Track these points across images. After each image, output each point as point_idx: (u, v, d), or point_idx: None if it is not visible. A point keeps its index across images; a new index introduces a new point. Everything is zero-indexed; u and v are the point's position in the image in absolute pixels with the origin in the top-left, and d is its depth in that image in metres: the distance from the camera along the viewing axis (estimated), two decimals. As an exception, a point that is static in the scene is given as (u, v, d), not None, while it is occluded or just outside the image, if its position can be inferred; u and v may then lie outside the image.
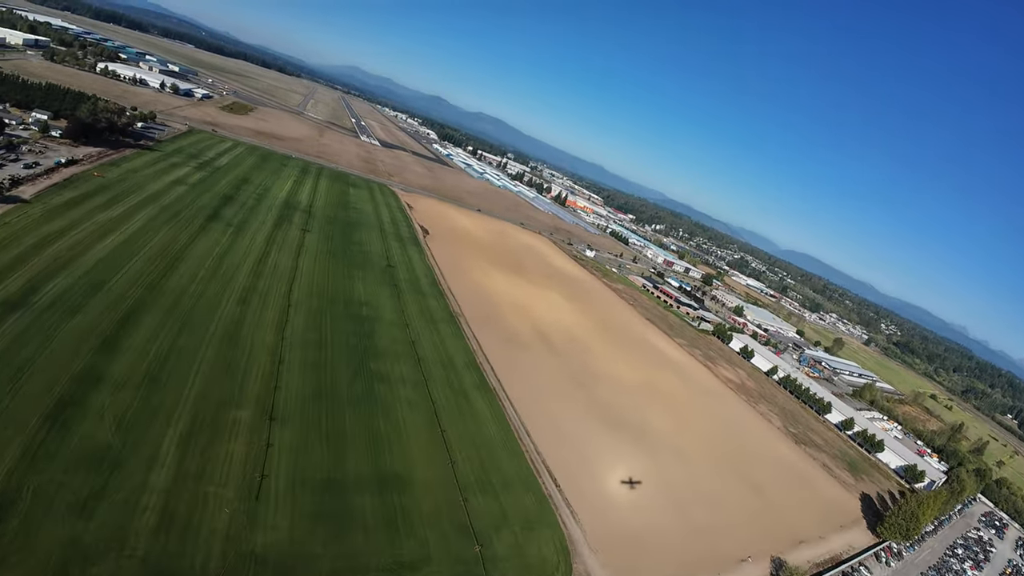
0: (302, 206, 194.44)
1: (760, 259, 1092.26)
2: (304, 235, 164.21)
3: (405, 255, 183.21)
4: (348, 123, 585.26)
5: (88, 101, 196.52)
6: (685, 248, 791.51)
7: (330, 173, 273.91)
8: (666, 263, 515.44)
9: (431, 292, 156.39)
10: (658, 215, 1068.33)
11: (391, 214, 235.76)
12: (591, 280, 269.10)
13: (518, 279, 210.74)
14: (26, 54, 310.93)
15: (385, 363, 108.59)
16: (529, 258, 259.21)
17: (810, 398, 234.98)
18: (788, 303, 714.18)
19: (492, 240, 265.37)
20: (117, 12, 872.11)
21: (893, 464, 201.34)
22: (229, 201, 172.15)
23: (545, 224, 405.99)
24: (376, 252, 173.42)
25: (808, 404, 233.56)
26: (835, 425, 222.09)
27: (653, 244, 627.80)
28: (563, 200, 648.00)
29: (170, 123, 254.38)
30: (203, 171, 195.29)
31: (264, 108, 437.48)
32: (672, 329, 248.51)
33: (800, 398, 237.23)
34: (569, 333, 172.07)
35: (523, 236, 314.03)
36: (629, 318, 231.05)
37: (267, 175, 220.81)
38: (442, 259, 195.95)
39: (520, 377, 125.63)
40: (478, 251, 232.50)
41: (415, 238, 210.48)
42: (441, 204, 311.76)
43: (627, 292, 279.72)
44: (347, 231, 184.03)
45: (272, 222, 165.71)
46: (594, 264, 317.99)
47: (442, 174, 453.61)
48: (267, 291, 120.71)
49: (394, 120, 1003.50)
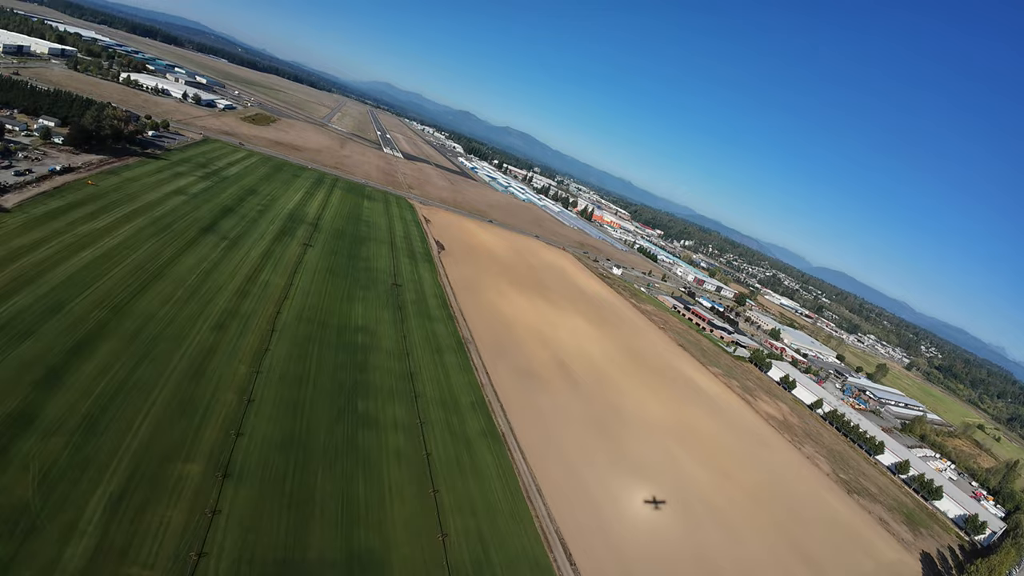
0: (309, 219, 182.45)
1: (792, 277, 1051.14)
2: (305, 250, 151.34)
3: (415, 273, 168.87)
4: (372, 135, 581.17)
5: (92, 108, 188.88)
6: (715, 265, 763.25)
7: (346, 185, 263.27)
8: (697, 281, 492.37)
9: (439, 315, 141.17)
10: (687, 231, 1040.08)
11: (405, 228, 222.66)
12: (618, 301, 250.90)
13: (539, 300, 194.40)
14: (49, 63, 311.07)
15: (375, 402, 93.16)
16: (551, 277, 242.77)
17: (860, 436, 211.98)
18: (824, 324, 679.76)
19: (513, 257, 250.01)
20: (154, 27, 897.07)
21: (952, 513, 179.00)
22: (229, 213, 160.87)
23: (570, 239, 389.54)
24: (383, 269, 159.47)
25: (858, 443, 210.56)
26: (888, 468, 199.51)
27: (683, 261, 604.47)
28: (589, 214, 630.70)
29: (185, 132, 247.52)
30: (208, 181, 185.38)
31: (287, 120, 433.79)
32: (706, 356, 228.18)
33: (849, 436, 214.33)
34: (593, 364, 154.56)
35: (546, 252, 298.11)
36: (659, 344, 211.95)
37: (277, 186, 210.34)
38: (456, 277, 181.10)
39: (534, 420, 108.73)
40: (497, 269, 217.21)
41: (428, 254, 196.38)
42: (461, 218, 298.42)
43: (657, 314, 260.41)
44: (354, 246, 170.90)
45: (272, 236, 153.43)
46: (621, 283, 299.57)
47: (464, 187, 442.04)
48: (250, 314, 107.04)
49: (420, 134, 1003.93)
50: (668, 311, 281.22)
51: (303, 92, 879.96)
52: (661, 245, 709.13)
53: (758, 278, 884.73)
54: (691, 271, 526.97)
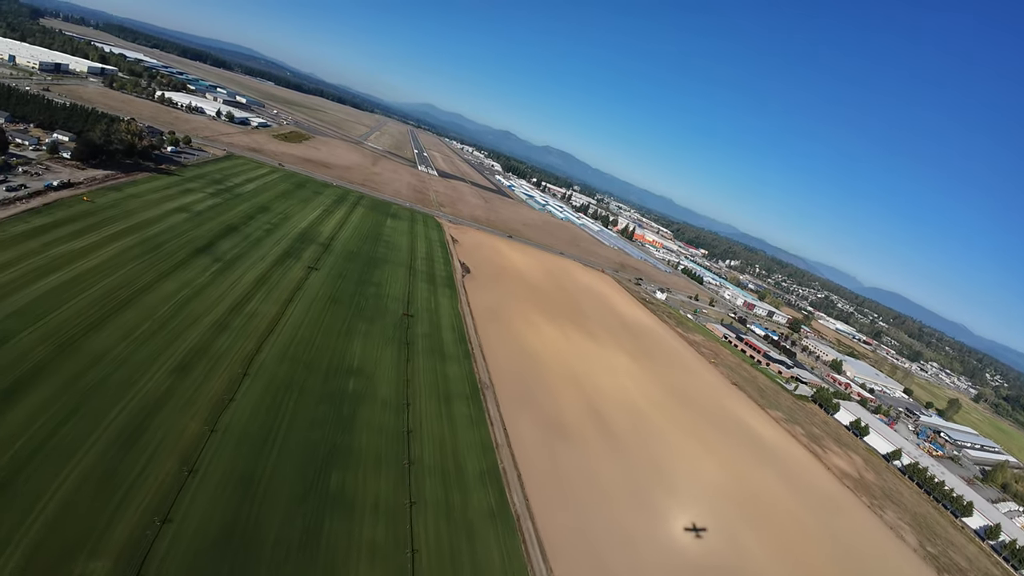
0: (321, 238, 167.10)
1: (846, 299, 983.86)
2: (308, 274, 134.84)
3: (432, 300, 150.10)
4: (409, 153, 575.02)
5: (102, 122, 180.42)
6: (764, 287, 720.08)
7: (370, 202, 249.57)
8: (747, 306, 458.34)
9: (454, 353, 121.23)
10: (732, 250, 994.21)
11: (428, 248, 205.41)
12: (663, 330, 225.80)
13: (573, 331, 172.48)
14: (87, 81, 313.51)
15: (355, 475, 73.41)
16: (588, 302, 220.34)
17: (944, 494, 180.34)
18: (885, 351, 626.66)
19: (546, 280, 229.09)
20: (204, 51, 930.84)
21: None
22: (232, 232, 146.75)
23: (610, 260, 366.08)
24: (395, 296, 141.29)
25: (942, 502, 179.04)
26: (976, 532, 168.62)
27: (730, 283, 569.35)
28: (630, 233, 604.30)
29: (208, 148, 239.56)
30: (219, 197, 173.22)
31: (322, 137, 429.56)
32: (764, 396, 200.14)
33: (932, 493, 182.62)
34: (635, 410, 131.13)
35: (583, 274, 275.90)
36: (711, 383, 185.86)
37: (293, 203, 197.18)
38: (480, 305, 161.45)
39: (560, 494, 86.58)
40: (527, 294, 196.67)
41: (451, 278, 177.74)
42: (492, 237, 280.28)
43: (706, 345, 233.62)
44: (366, 269, 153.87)
45: (274, 258, 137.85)
46: (666, 309, 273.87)
47: (499, 205, 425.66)
48: (223, 353, 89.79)
49: (459, 152, 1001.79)
50: (718, 341, 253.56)
51: (344, 112, 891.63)
52: (706, 266, 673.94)
53: (809, 300, 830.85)
54: (740, 294, 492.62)
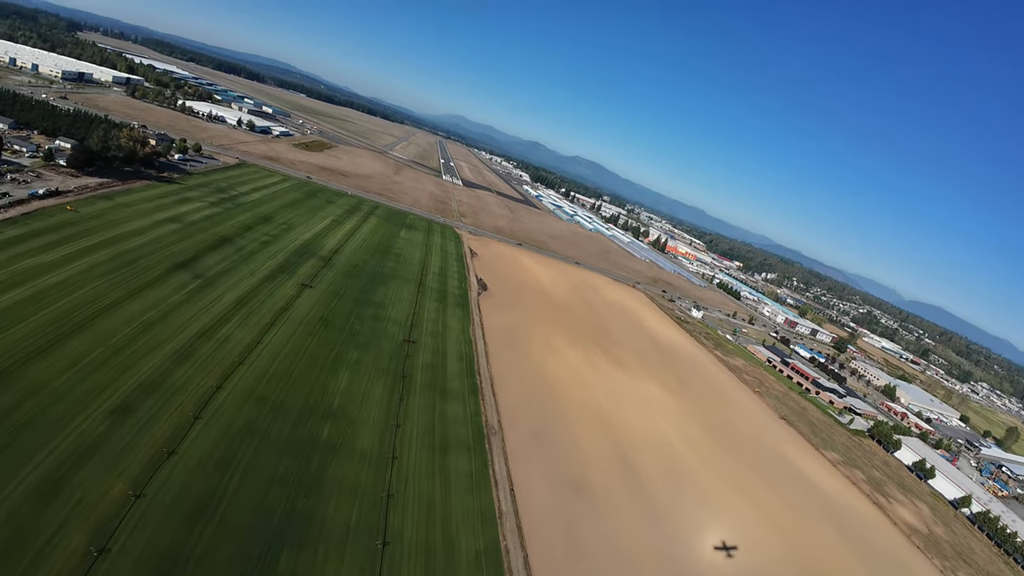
0: (324, 251, 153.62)
1: (889, 314, 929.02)
2: (301, 292, 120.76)
3: (441, 323, 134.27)
4: (434, 163, 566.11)
5: (99, 128, 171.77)
6: (804, 302, 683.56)
7: (386, 212, 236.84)
8: (788, 323, 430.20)
9: (458, 388, 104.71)
10: (768, 262, 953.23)
11: (443, 263, 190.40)
12: (701, 354, 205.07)
13: (599, 357, 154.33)
14: (110, 89, 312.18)
15: (311, 558, 57.20)
16: (618, 322, 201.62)
17: (1017, 548, 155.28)
18: (934, 371, 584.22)
19: (571, 297, 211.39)
20: (239, 65, 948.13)
21: None
22: (224, 244, 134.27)
23: (642, 274, 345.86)
24: (397, 319, 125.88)
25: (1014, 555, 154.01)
26: None
27: (768, 298, 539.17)
28: (662, 245, 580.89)
29: (221, 156, 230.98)
30: (218, 207, 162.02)
31: (345, 147, 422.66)
32: (816, 433, 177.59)
33: (1003, 546, 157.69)
34: (672, 458, 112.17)
35: (613, 290, 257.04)
36: (757, 418, 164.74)
37: (300, 213, 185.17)
38: (495, 328, 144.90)
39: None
40: (549, 313, 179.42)
41: (464, 296, 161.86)
42: (515, 250, 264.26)
43: (749, 371, 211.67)
44: (369, 286, 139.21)
45: (265, 273, 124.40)
46: (703, 328, 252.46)
47: (525, 216, 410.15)
48: (177, 390, 75.47)
49: (487, 162, 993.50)
50: (762, 366, 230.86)
51: (373, 123, 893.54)
52: (742, 279, 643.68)
53: (851, 315, 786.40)
54: (780, 311, 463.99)
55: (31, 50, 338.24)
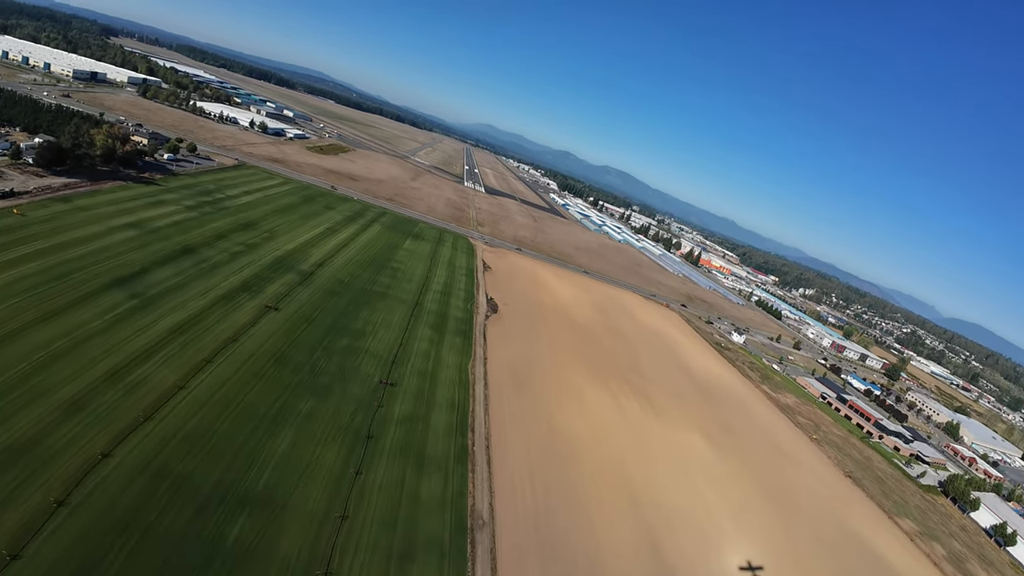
0: (305, 265, 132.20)
1: (934, 334, 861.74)
2: (262, 317, 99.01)
3: (433, 358, 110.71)
4: (457, 169, 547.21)
5: (71, 124, 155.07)
6: (848, 322, 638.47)
7: (393, 219, 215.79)
8: (835, 347, 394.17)
9: (442, 454, 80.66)
10: (804, 276, 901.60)
11: (449, 278, 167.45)
12: (747, 391, 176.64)
13: (630, 400, 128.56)
14: (123, 89, 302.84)
15: None
16: (651, 352, 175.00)
17: None
18: (987, 400, 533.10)
19: (597, 321, 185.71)
20: (270, 72, 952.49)
21: None
22: (185, 255, 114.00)
23: (675, 290, 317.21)
24: (378, 353, 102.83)
25: None
26: None
27: (809, 317, 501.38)
28: (696, 259, 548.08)
29: (219, 157, 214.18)
30: (195, 211, 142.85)
31: (364, 151, 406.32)
32: (887, 492, 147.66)
33: None
34: (716, 541, 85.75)
35: (644, 311, 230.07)
36: (819, 478, 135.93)
37: (292, 219, 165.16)
38: (500, 363, 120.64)
39: None
40: (570, 342, 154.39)
41: (468, 321, 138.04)
42: (535, 263, 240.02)
43: (803, 411, 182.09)
44: (351, 309, 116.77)
45: (222, 292, 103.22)
46: (746, 357, 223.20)
47: (549, 226, 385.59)
48: (50, 458, 54.08)
49: (514, 170, 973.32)
50: (815, 403, 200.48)
51: (399, 129, 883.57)
52: (779, 295, 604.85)
53: (894, 335, 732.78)
54: (825, 332, 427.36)
55: (46, 49, 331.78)
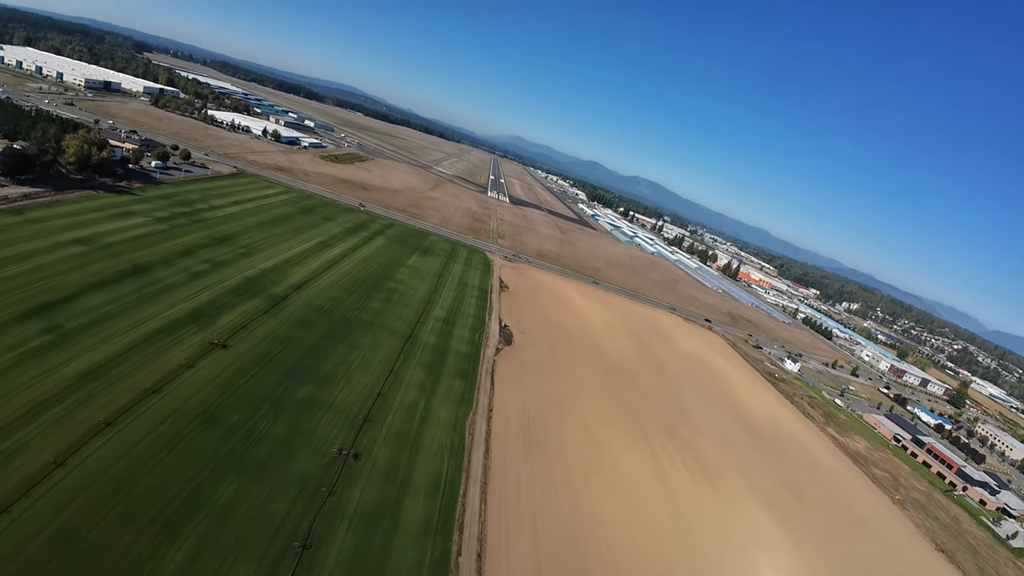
0: (280, 287, 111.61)
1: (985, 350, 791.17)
2: (203, 356, 78.16)
3: (420, 411, 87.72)
4: (482, 179, 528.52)
5: (36, 128, 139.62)
6: (894, 338, 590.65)
7: (401, 231, 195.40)
8: (894, 371, 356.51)
9: (410, 568, 57.42)
10: (846, 289, 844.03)
11: (456, 300, 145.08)
12: (811, 437, 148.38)
13: (674, 462, 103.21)
14: (135, 99, 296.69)
15: None
16: (696, 390, 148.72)
17: None
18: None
19: (632, 351, 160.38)
20: (299, 85, 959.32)
21: None
22: (133, 276, 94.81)
23: (716, 309, 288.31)
24: (346, 408, 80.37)
25: None
26: None
27: (860, 336, 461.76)
28: (734, 272, 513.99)
29: (216, 164, 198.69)
30: (164, 224, 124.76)
31: (384, 160, 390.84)
32: (981, 567, 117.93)
33: None
34: None
35: (686, 336, 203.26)
36: (908, 559, 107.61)
37: (279, 232, 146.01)
38: (509, 414, 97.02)
39: None
40: (599, 381, 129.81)
41: (474, 356, 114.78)
42: (560, 280, 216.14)
43: (877, 459, 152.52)
44: (324, 345, 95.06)
45: (163, 324, 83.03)
46: (803, 389, 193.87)
47: (577, 237, 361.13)
48: None
49: (542, 180, 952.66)
50: (888, 447, 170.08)
51: (425, 140, 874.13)
52: (823, 310, 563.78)
53: (945, 353, 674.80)
54: (881, 354, 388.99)
55: (62, 60, 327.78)
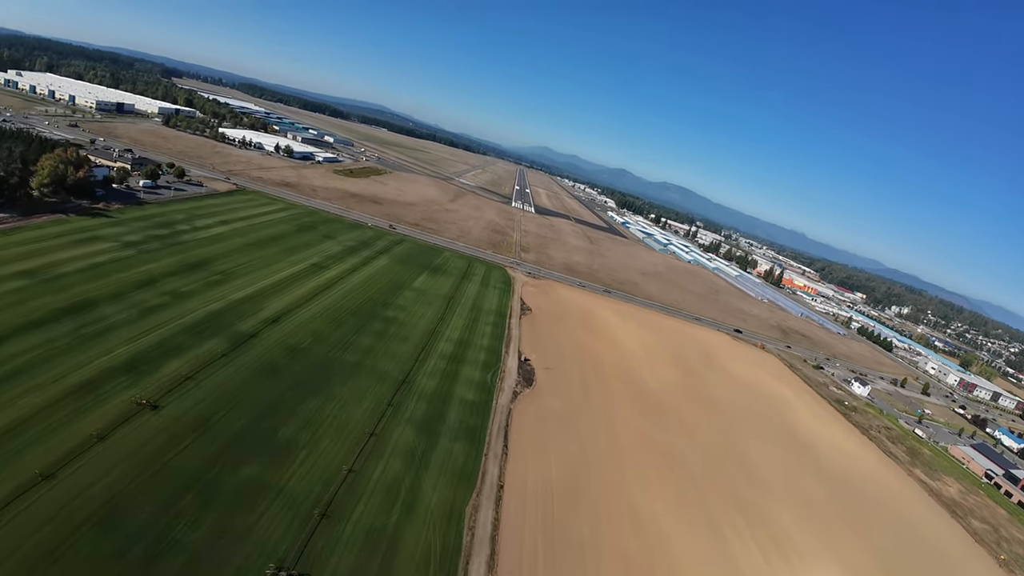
0: (252, 321, 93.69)
1: None
2: (125, 422, 60.12)
3: (402, 496, 67.45)
4: (507, 190, 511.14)
5: (1, 150, 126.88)
6: (953, 345, 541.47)
7: (410, 248, 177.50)
8: (964, 386, 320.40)
9: None
10: (893, 291, 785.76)
11: (468, 330, 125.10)
12: (899, 484, 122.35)
13: (744, 544, 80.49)
14: (148, 119, 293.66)
15: None
16: (758, 431, 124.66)
17: None
18: None
19: (677, 381, 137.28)
20: (325, 104, 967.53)
21: None
22: (71, 315, 78.71)
23: (764, 321, 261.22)
24: (301, 495, 60.91)
25: None
26: None
27: (920, 345, 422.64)
28: (777, 279, 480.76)
29: (215, 182, 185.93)
30: (132, 250, 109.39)
31: (402, 173, 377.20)
32: None
33: None
34: None
35: (737, 359, 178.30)
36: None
37: (267, 253, 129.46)
38: (525, 491, 75.97)
39: None
40: (639, 427, 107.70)
41: (485, 405, 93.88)
42: (591, 297, 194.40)
43: (971, 504, 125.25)
44: (287, 400, 76.16)
45: (92, 374, 65.93)
46: (877, 416, 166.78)
47: (608, 248, 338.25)
48: None
49: (569, 189, 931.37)
50: (981, 487, 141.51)
51: (449, 153, 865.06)
52: (874, 316, 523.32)
53: (1004, 358, 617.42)
54: (947, 366, 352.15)
55: (77, 83, 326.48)
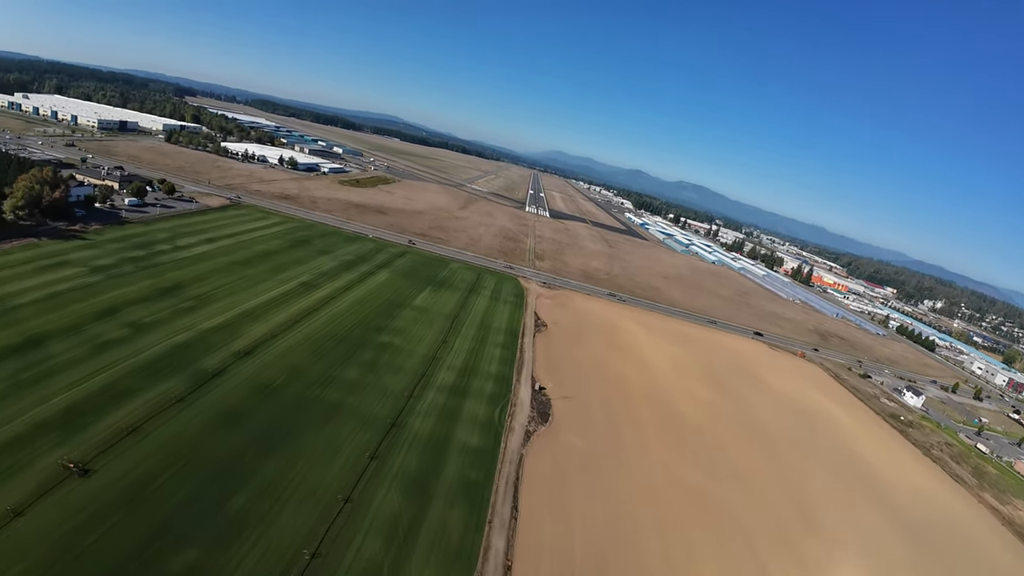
0: (222, 354, 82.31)
1: None
2: (51, 489, 48.84)
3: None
4: (520, 195, 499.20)
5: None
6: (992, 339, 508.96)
7: (414, 260, 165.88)
8: (1013, 386, 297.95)
9: None
10: (923, 285, 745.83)
11: (473, 354, 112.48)
12: (970, 513, 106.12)
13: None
14: (150, 136, 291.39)
15: None
16: (808, 459, 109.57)
17: None
18: None
19: (714, 405, 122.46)
20: (337, 116, 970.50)
21: None
22: (18, 352, 69.21)
23: (800, 325, 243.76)
24: None
25: None
26: None
27: (962, 343, 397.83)
28: (806, 277, 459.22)
29: (208, 197, 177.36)
30: (99, 275, 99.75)
31: (411, 181, 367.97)
32: None
33: None
34: None
35: (777, 371, 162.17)
36: None
37: (251, 273, 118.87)
38: (544, 565, 63.21)
39: None
40: (674, 464, 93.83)
41: (491, 451, 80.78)
42: (612, 307, 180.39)
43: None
44: (249, 456, 64.28)
45: (22, 429, 55.37)
46: (935, 431, 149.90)
47: (627, 251, 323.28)
48: None
49: (584, 191, 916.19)
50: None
51: (461, 160, 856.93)
52: (909, 312, 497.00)
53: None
54: (994, 365, 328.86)
55: (80, 103, 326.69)
